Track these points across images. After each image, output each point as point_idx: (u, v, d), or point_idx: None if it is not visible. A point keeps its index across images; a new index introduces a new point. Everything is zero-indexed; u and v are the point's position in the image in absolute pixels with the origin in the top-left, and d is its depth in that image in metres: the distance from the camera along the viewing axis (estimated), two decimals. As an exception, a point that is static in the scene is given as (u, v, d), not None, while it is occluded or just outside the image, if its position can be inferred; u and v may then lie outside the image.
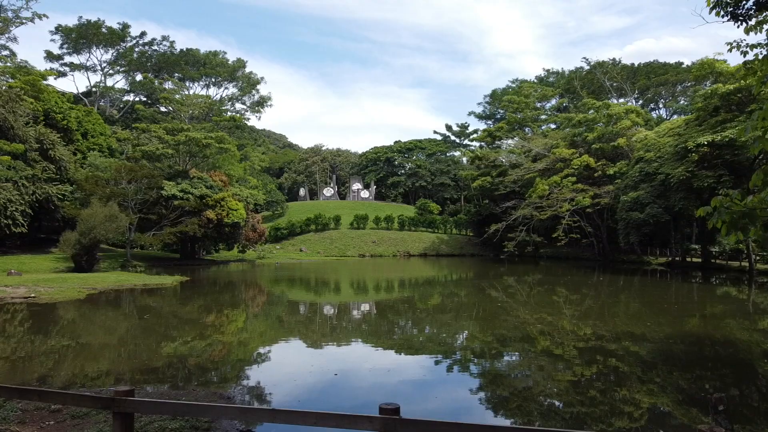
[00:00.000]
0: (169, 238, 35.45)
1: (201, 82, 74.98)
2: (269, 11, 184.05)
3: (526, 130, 50.98)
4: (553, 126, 51.69)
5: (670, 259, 39.17)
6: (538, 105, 54.87)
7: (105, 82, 66.19)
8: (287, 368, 9.53)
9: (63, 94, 49.94)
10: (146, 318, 15.19)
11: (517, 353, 11.02)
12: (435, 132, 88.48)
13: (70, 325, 13.91)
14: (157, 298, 20.53)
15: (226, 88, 79.06)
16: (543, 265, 45.15)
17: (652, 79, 52.38)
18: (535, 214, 40.00)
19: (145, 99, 70.06)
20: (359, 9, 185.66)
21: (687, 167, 28.48)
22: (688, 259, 37.66)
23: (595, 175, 39.25)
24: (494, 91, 67.74)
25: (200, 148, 40.45)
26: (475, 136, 57.09)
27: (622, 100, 52.21)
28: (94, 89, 65.03)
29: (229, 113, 78.92)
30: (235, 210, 39.25)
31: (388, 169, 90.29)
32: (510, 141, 52.14)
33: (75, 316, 15.70)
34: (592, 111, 42.63)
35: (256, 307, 18.68)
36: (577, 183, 39.11)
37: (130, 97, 70.83)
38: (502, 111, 65.10)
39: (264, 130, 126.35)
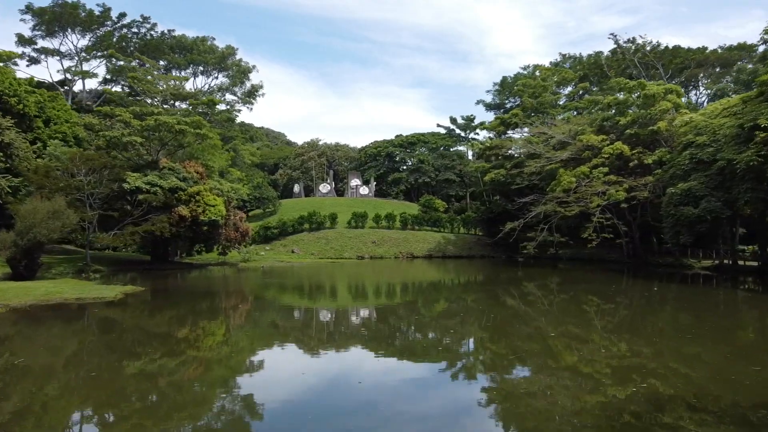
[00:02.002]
0: (130, 238, 30.17)
1: (188, 71, 69.64)
2: (269, 11, 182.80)
3: (544, 117, 45.52)
4: (574, 114, 46.16)
5: (716, 262, 33.83)
6: (556, 90, 49.37)
7: (81, 68, 60.75)
8: None
9: (23, 78, 44.73)
10: (19, 364, 9.87)
11: (536, 369, 9.46)
12: (438, 125, 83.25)
13: None
14: (76, 323, 15.25)
15: (215, 77, 73.80)
16: (563, 268, 40.04)
17: (690, 57, 46.81)
18: (560, 211, 34.63)
19: (128, 90, 64.81)
20: (359, 9, 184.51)
21: (757, 150, 23.11)
22: (740, 263, 32.32)
23: (630, 165, 33.90)
24: (504, 79, 62.23)
25: (173, 134, 35.12)
26: (486, 124, 51.57)
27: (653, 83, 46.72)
28: (67, 75, 59.63)
29: (219, 105, 73.74)
30: (213, 206, 33.96)
31: (389, 165, 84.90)
32: (526, 130, 46.78)
33: None
34: (622, 93, 37.27)
35: (209, 346, 13.20)
36: (609, 174, 33.78)
37: (111, 87, 65.52)
38: (513, 100, 59.73)
39: (262, 128, 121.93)
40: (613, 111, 36.46)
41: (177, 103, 51.91)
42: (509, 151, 48.84)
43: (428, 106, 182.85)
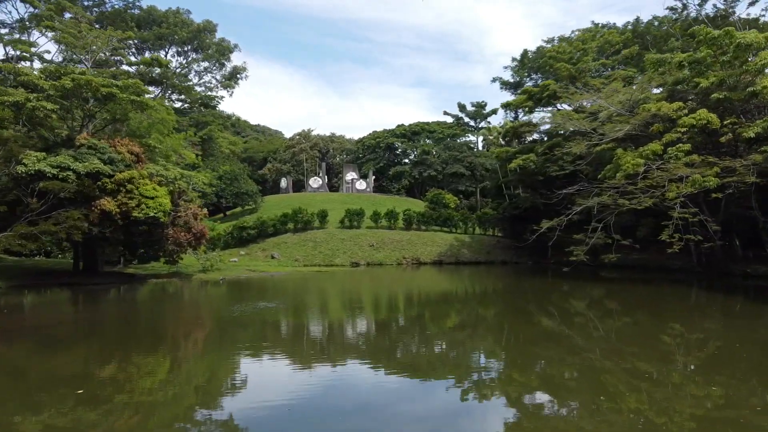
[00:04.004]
0: (19, 242, 21.11)
1: (158, 49, 60.55)
2: (269, 11, 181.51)
3: (584, 89, 36.25)
4: (624, 86, 36.77)
5: (839, 273, 24.85)
6: (598, 58, 39.95)
7: (30, 38, 51.51)
8: None
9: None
10: None
11: (584, 411, 7.24)
12: (445, 113, 74.16)
13: None
14: None
15: (194, 60, 64.78)
16: (609, 278, 31.43)
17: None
18: (623, 204, 25.56)
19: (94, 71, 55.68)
20: (359, 9, 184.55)
21: None
22: None
23: (721, 140, 24.88)
24: (525, 53, 52.98)
25: (102, 102, 26.16)
26: (510, 101, 42.41)
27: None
28: (9, 50, 50.33)
29: (199, 89, 64.85)
30: (152, 198, 24.95)
31: (390, 158, 75.99)
32: (558, 108, 37.77)
33: None
34: (698, 48, 28.18)
35: None
36: (690, 153, 24.78)
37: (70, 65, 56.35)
38: (535, 76, 50.71)
39: (258, 125, 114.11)
40: (687, 71, 27.45)
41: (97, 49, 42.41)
42: (538, 133, 39.87)
43: (429, 105, 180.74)
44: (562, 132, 33.57)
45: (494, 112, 70.28)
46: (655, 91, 31.85)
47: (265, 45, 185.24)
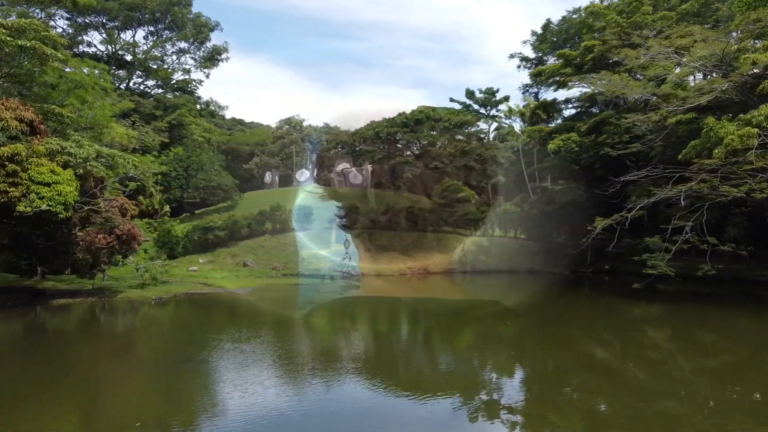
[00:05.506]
0: None
1: (127, 28, 52.75)
2: (269, 13, 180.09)
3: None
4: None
5: None
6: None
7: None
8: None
9: None
10: None
11: None
12: (452, 100, 66.36)
13: None
14: None
15: (168, 38, 56.95)
16: (669, 291, 24.58)
17: None
18: (729, 191, 17.75)
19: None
20: (359, 11, 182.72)
21: None
22: None
23: None
24: (547, 24, 45.23)
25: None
26: (545, 66, 34.47)
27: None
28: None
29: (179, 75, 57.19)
30: (48, 185, 17.13)
31: (391, 150, 68.05)
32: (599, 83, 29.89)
33: None
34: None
35: None
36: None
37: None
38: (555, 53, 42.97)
39: (252, 122, 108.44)
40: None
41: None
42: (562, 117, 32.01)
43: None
44: (604, 107, 25.73)
45: (506, 99, 62.63)
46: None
47: (266, 46, 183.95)
